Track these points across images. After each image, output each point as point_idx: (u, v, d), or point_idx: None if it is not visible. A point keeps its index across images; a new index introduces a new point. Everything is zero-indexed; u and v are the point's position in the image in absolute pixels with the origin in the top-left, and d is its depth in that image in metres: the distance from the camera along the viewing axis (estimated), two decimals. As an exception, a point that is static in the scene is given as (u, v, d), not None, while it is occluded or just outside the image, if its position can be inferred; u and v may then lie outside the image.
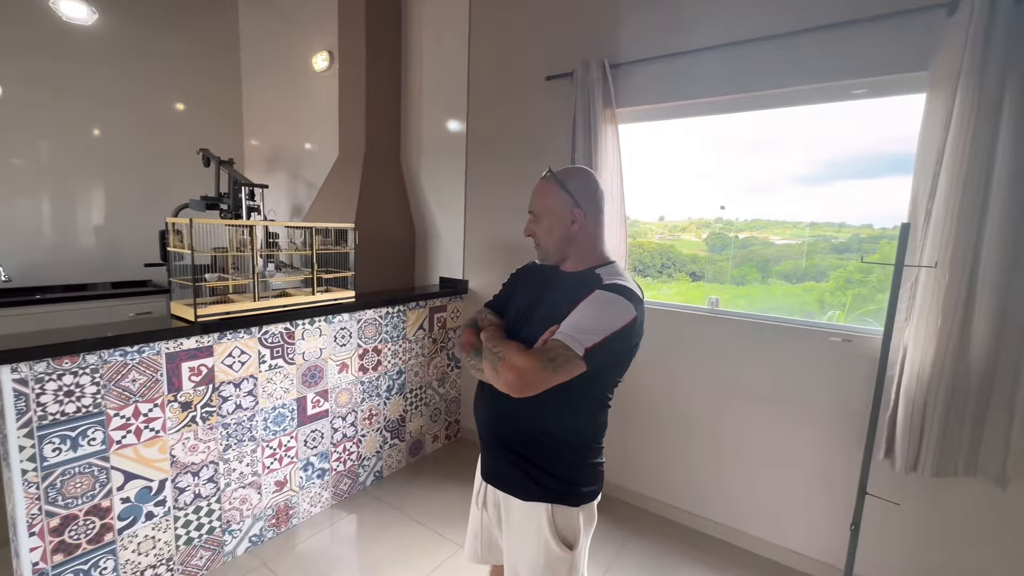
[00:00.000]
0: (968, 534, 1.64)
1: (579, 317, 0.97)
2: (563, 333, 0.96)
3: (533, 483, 1.06)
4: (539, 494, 1.06)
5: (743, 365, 2.03)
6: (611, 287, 1.01)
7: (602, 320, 0.97)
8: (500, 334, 1.09)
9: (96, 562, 1.54)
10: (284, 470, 2.06)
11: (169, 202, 3.26)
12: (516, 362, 0.95)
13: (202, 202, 2.90)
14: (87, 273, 3.30)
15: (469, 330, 1.17)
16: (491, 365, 1.01)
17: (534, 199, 1.14)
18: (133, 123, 3.42)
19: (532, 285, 1.20)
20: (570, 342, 0.94)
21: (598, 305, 0.99)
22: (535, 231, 1.14)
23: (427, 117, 2.98)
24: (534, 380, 0.94)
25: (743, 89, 1.96)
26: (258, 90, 3.89)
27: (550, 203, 1.11)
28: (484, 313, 1.23)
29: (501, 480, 1.13)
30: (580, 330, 0.96)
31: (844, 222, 2.00)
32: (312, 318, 2.10)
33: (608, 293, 1.00)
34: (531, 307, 1.13)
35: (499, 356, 0.99)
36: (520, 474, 1.08)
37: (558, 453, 1.06)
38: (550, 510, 1.06)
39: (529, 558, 1.08)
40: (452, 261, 2.98)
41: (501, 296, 1.29)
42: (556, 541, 1.05)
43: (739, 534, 2.09)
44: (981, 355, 1.52)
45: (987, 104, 1.43)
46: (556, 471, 1.06)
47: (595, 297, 0.99)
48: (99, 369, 1.48)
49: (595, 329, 0.95)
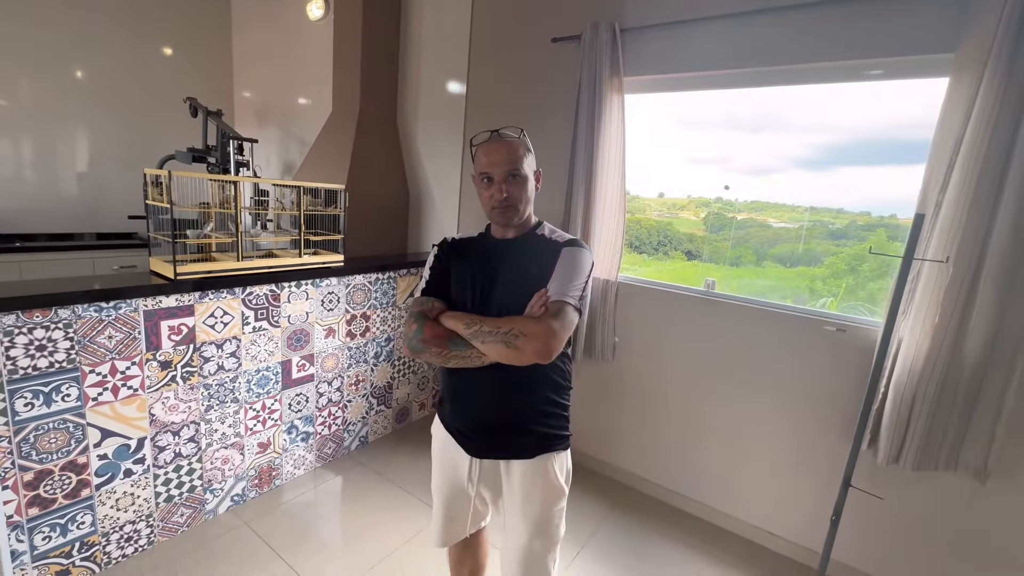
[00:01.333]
0: (942, 528, 1.66)
1: (561, 277, 1.05)
2: (557, 294, 1.02)
3: (539, 440, 1.13)
4: (545, 447, 1.13)
5: (736, 349, 2.01)
6: (571, 243, 1.12)
7: (578, 272, 1.07)
8: (482, 316, 1.05)
9: (73, 516, 1.53)
10: (267, 432, 2.05)
11: (155, 152, 3.14)
12: (538, 331, 0.97)
13: (188, 154, 2.79)
14: (70, 222, 3.21)
15: (428, 324, 1.06)
16: (504, 345, 0.98)
17: (511, 159, 1.08)
18: (117, 66, 3.25)
19: (475, 259, 1.16)
20: (568, 300, 1.02)
21: (571, 262, 1.08)
22: (514, 193, 1.10)
23: (426, 76, 2.85)
24: (556, 344, 0.97)
25: (755, 63, 1.86)
26: (249, 37, 3.69)
27: (528, 162, 1.11)
28: (428, 303, 1.12)
29: (502, 451, 1.15)
30: (567, 288, 1.04)
31: (842, 208, 1.95)
32: (299, 281, 2.04)
33: (572, 248, 1.10)
34: (487, 279, 1.11)
35: (514, 334, 0.98)
36: (523, 438, 1.13)
37: (552, 406, 1.14)
38: (554, 457, 1.14)
39: (535, 515, 1.14)
40: (446, 229, 2.91)
41: (434, 280, 1.18)
42: (561, 480, 1.16)
43: (716, 512, 2.12)
44: (975, 352, 1.50)
45: (1013, 94, 1.36)
46: (552, 424, 1.14)
47: (565, 257, 1.08)
48: (72, 324, 1.43)
49: (576, 283, 1.05)
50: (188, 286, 1.67)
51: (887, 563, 1.77)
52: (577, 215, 2.21)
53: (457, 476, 1.21)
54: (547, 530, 1.16)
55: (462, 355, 1.03)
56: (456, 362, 1.05)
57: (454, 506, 1.26)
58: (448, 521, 1.28)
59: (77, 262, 2.92)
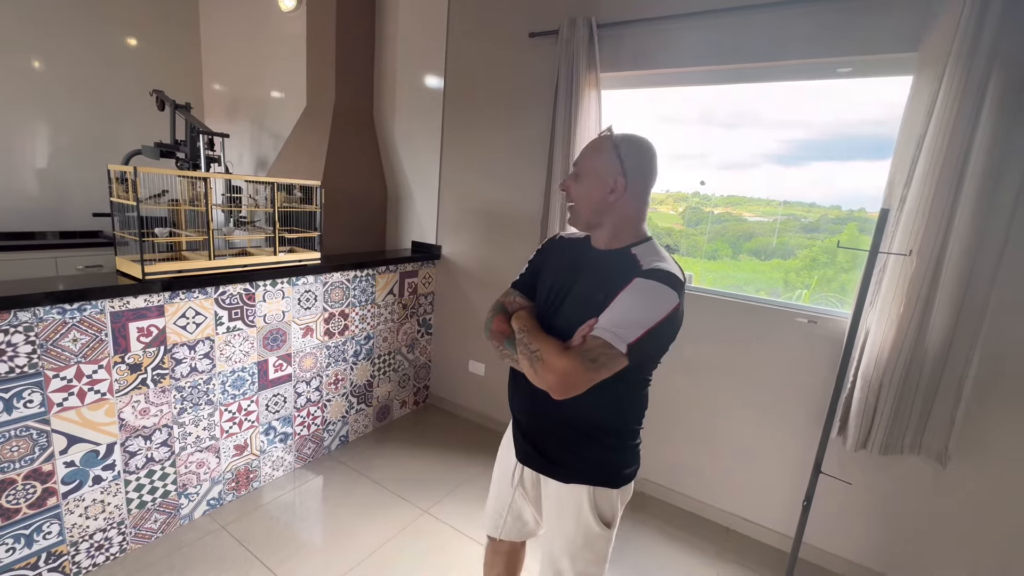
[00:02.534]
0: (909, 509, 1.74)
1: (619, 310, 0.90)
2: (603, 329, 0.89)
3: (574, 468, 1.05)
4: (581, 478, 1.05)
5: (711, 342, 2.05)
6: (651, 273, 0.92)
7: (644, 312, 0.89)
8: (535, 326, 1.00)
9: (39, 526, 1.47)
10: (244, 434, 2.01)
11: (121, 147, 3.03)
12: (556, 364, 0.88)
13: (156, 149, 2.69)
14: (31, 220, 3.07)
15: (499, 317, 1.07)
16: (529, 364, 0.93)
17: (582, 155, 1.04)
18: (79, 57, 3.11)
19: (561, 264, 1.09)
20: (612, 339, 0.87)
21: (638, 296, 0.91)
22: (571, 188, 1.04)
23: (403, 70, 2.81)
24: (576, 382, 0.88)
25: (730, 60, 1.89)
26: (218, 28, 3.58)
27: (597, 163, 1.01)
28: (512, 296, 1.14)
29: (540, 465, 1.10)
30: (621, 325, 0.88)
31: (814, 202, 2.01)
32: (274, 279, 2.00)
33: (648, 281, 0.91)
34: (563, 290, 1.04)
35: (538, 356, 0.92)
36: (561, 460, 1.06)
37: (600, 439, 1.04)
38: (591, 492, 1.04)
39: (567, 537, 1.07)
40: (425, 225, 2.88)
41: (527, 275, 1.17)
42: (596, 521, 1.04)
43: (692, 500, 2.17)
44: (937, 340, 1.56)
45: (971, 93, 1.41)
46: (598, 457, 1.04)
47: (635, 287, 0.91)
48: (34, 327, 1.38)
49: (637, 323, 0.88)
50: (157, 286, 1.62)
51: (858, 544, 1.84)
52: (555, 210, 2.22)
53: (506, 471, 1.21)
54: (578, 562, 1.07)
55: (510, 355, 1.02)
56: (508, 361, 1.04)
57: (502, 501, 1.23)
58: (495, 514, 1.26)
59: (39, 262, 2.80)
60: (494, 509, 1.26)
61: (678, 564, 1.87)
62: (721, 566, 1.87)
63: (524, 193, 2.46)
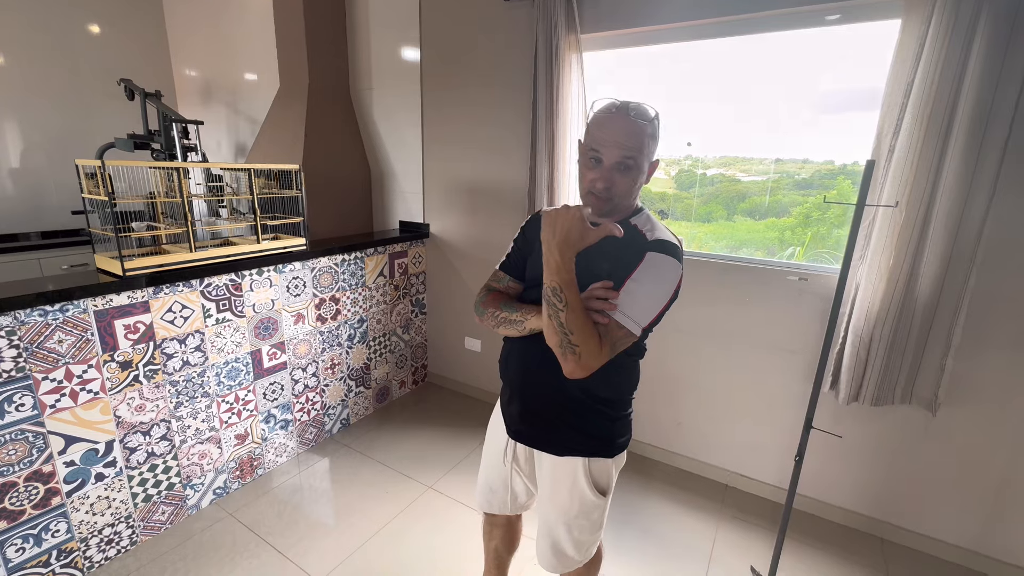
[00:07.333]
0: (899, 456, 1.77)
1: (637, 291, 0.91)
2: (623, 315, 0.89)
3: (570, 441, 1.05)
4: (575, 450, 1.05)
5: (705, 304, 2.05)
6: (658, 245, 0.93)
7: (658, 291, 0.92)
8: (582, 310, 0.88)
9: (46, 525, 1.49)
10: (244, 424, 2.02)
11: (93, 141, 2.94)
12: (591, 364, 0.87)
13: (130, 141, 2.61)
14: (10, 222, 3.00)
15: (493, 294, 1.09)
16: (560, 347, 0.88)
17: (634, 144, 0.92)
18: (39, 48, 2.98)
19: None
20: (631, 326, 0.90)
21: (655, 272, 0.92)
22: (619, 185, 0.94)
23: (377, 44, 2.71)
24: (597, 366, 0.89)
25: (714, 13, 1.82)
26: (183, 10, 3.42)
27: (650, 151, 0.95)
28: (505, 281, 1.12)
29: (534, 439, 1.11)
30: (639, 308, 0.90)
31: (807, 158, 1.97)
32: (260, 268, 1.97)
33: (659, 255, 0.93)
34: None
35: (575, 351, 0.87)
36: (556, 433, 1.06)
37: (598, 411, 1.04)
38: (587, 463, 1.06)
39: (563, 507, 1.09)
40: (412, 204, 2.84)
41: (514, 256, 1.13)
42: (592, 491, 1.06)
43: (690, 460, 2.21)
44: (926, 291, 1.56)
45: (960, 34, 1.36)
46: (594, 428, 1.05)
47: (650, 262, 0.92)
48: (16, 331, 1.36)
49: (652, 305, 0.92)
50: (140, 282, 1.59)
51: (852, 492, 1.89)
52: (542, 181, 2.18)
53: (497, 449, 1.21)
54: (574, 530, 1.10)
55: (510, 317, 1.02)
56: (505, 327, 1.03)
57: (494, 477, 1.25)
58: (487, 490, 1.27)
59: (21, 264, 2.75)
60: (485, 485, 1.28)
61: (681, 522, 1.92)
62: (721, 522, 1.92)
63: (509, 165, 2.41)
